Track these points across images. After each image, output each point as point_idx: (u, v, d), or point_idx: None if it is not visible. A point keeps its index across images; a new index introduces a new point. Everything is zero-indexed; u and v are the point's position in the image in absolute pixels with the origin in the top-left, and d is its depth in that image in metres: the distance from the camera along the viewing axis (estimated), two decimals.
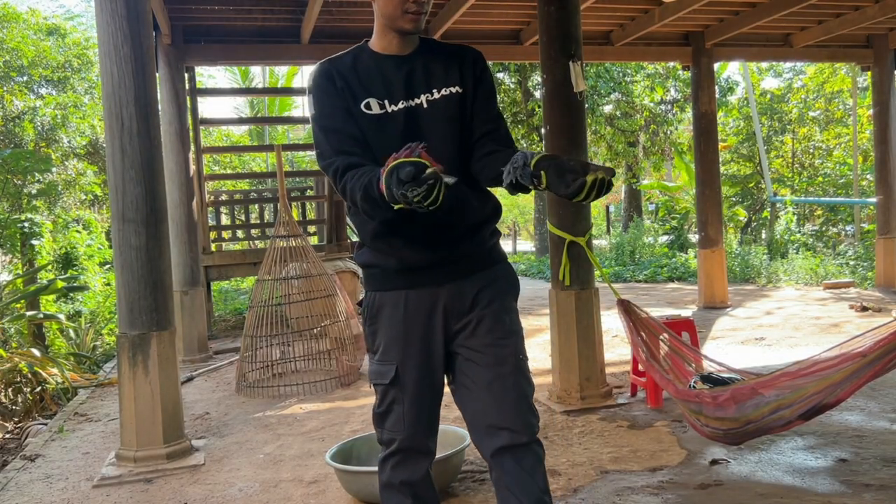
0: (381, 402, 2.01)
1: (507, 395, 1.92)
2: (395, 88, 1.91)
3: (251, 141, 19.60)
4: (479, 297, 1.96)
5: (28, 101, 10.59)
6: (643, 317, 3.69)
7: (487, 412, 1.92)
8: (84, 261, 9.92)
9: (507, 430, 1.90)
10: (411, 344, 1.95)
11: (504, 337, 1.96)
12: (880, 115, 8.52)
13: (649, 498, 2.97)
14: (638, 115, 14.46)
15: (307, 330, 5.69)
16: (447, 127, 1.93)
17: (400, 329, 1.95)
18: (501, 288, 2.02)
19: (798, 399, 2.78)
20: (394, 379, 1.95)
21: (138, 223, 3.71)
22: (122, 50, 3.68)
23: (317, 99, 1.93)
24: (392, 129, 1.89)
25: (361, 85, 1.91)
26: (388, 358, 1.96)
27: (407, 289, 1.95)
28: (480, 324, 1.94)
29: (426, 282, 1.94)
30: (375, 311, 1.99)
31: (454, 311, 1.95)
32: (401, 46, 1.94)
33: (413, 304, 1.95)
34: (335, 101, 1.90)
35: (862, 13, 7.04)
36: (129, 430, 3.73)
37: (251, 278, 9.73)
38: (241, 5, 6.25)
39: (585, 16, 6.06)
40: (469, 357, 1.95)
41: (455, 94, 1.94)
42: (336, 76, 1.91)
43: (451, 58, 1.98)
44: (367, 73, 1.92)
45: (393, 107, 1.90)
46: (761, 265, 10.71)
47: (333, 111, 1.90)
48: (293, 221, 5.73)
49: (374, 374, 2.02)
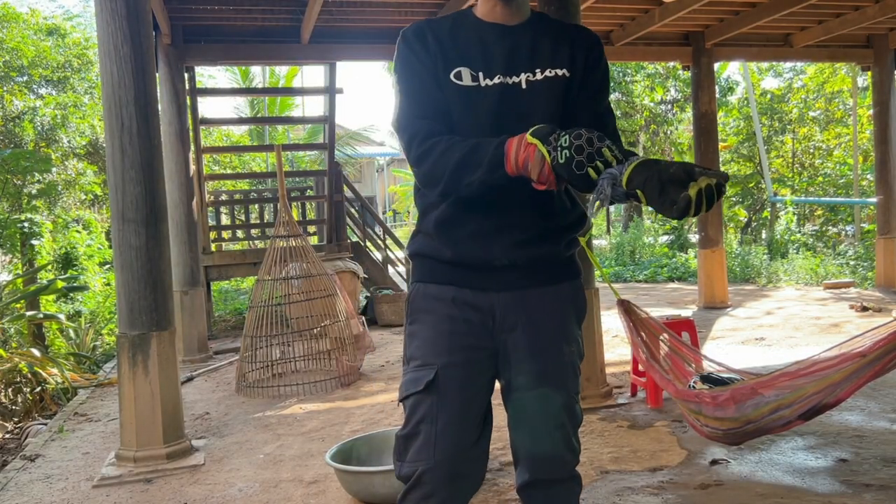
0: (408, 421, 1.67)
1: (551, 435, 1.70)
2: (494, 61, 1.67)
3: (251, 141, 19.58)
4: (540, 316, 1.71)
5: (28, 101, 10.59)
6: (643, 317, 3.68)
7: (524, 443, 1.72)
8: (84, 261, 9.91)
9: (542, 465, 1.72)
10: (455, 349, 1.67)
11: (559, 371, 1.71)
12: (880, 115, 8.52)
13: (649, 498, 2.97)
14: (638, 115, 14.48)
15: (307, 330, 5.68)
16: (547, 113, 1.66)
17: (445, 327, 1.68)
18: (568, 311, 1.76)
19: (798, 399, 2.77)
20: (430, 384, 1.63)
21: (138, 223, 3.71)
22: (122, 50, 3.68)
23: (403, 59, 1.70)
24: (483, 106, 1.66)
25: (457, 51, 1.67)
26: (426, 360, 1.66)
27: (457, 286, 1.70)
28: (535, 349, 1.69)
29: (482, 284, 1.69)
30: (417, 304, 1.74)
31: (506, 325, 1.69)
32: (507, 15, 1.70)
33: (463, 305, 1.69)
34: (424, 63, 1.67)
35: (862, 13, 7.04)
36: (129, 431, 3.73)
37: (251, 278, 9.72)
38: (241, 5, 6.25)
39: (585, 16, 6.05)
40: (517, 383, 1.71)
41: (561, 77, 1.69)
42: (430, 37, 1.68)
43: (563, 36, 1.74)
44: (465, 40, 1.69)
45: (487, 81, 1.66)
46: (761, 265, 10.71)
47: (420, 74, 1.67)
48: (293, 221, 5.73)
49: (406, 385, 1.68)
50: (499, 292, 1.69)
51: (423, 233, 1.76)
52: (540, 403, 1.69)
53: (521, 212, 1.65)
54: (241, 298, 10.80)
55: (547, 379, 1.70)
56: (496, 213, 1.64)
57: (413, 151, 1.63)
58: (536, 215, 1.68)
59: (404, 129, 1.67)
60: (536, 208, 1.67)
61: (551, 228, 1.72)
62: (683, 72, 8.89)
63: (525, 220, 1.68)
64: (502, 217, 1.66)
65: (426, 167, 1.62)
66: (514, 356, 1.70)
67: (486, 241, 1.67)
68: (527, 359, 1.69)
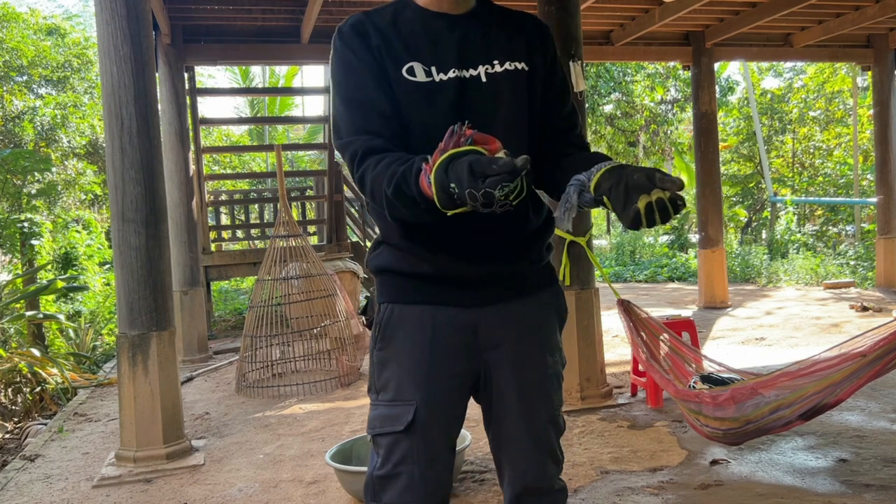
0: (385, 461, 1.52)
1: (537, 454, 1.61)
2: (446, 54, 1.51)
3: (251, 141, 19.59)
4: (525, 329, 1.59)
5: (28, 101, 10.59)
6: (643, 317, 3.69)
7: (510, 464, 1.62)
8: (84, 261, 9.91)
9: (529, 484, 1.62)
10: (437, 377, 1.52)
11: (544, 384, 1.61)
12: (881, 114, 8.52)
13: (649, 498, 2.97)
14: (638, 115, 14.47)
15: (307, 330, 5.68)
16: (514, 109, 1.54)
17: (424, 355, 1.51)
18: (550, 320, 1.65)
19: (798, 399, 2.77)
20: (410, 425, 1.48)
21: (138, 223, 3.71)
22: (122, 49, 3.68)
23: (341, 60, 1.51)
24: (441, 102, 1.49)
25: (404, 45, 1.50)
26: (402, 396, 1.50)
27: (437, 305, 1.52)
28: (520, 365, 1.58)
29: (467, 300, 1.53)
30: (390, 329, 1.54)
31: (490, 342, 1.56)
32: (452, 3, 1.55)
33: (443, 327, 1.52)
34: (367, 64, 1.48)
35: (862, 13, 7.04)
36: (129, 431, 3.73)
37: (251, 278, 9.73)
38: (240, 5, 6.25)
39: (586, 15, 6.05)
40: (500, 404, 1.59)
41: (521, 71, 1.56)
42: (372, 32, 1.50)
43: (515, 26, 1.60)
44: (410, 32, 1.52)
45: (441, 75, 1.50)
46: (761, 265, 10.71)
47: (362, 77, 1.48)
48: (293, 221, 5.73)
49: (380, 420, 1.53)
50: (482, 307, 1.54)
51: (391, 245, 1.56)
52: (525, 423, 1.59)
53: (497, 217, 1.44)
54: (241, 298, 10.80)
55: (532, 395, 1.59)
56: (473, 220, 1.41)
57: (354, 172, 1.45)
58: (512, 220, 1.49)
59: (345, 147, 1.48)
60: (517, 215, 1.47)
61: (528, 233, 1.59)
62: (683, 72, 8.89)
63: (503, 226, 1.52)
64: (480, 224, 1.45)
65: (366, 192, 1.44)
66: (497, 375, 1.57)
67: (469, 252, 1.52)
68: (511, 378, 1.57)
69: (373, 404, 1.56)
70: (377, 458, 1.55)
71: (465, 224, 1.41)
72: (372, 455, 1.58)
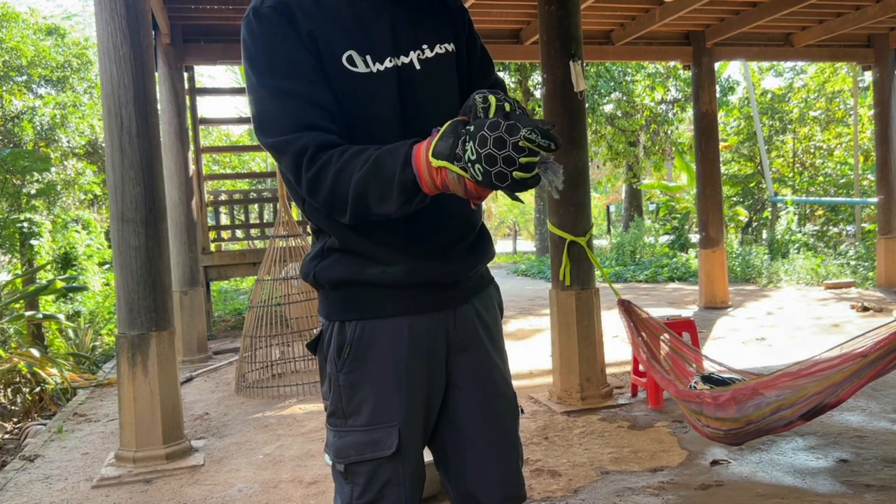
0: (366, 488, 1.37)
1: (510, 460, 1.50)
2: (379, 41, 1.34)
3: (251, 141, 19.58)
4: (485, 328, 1.49)
5: (27, 101, 10.59)
6: (644, 317, 3.69)
7: (479, 466, 1.47)
8: (83, 261, 9.92)
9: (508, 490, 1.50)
10: (415, 395, 1.39)
11: (506, 387, 1.52)
12: (881, 114, 8.52)
13: (650, 498, 2.96)
14: (638, 115, 14.46)
15: (307, 330, 5.67)
16: (447, 97, 1.42)
17: (401, 374, 1.37)
18: (496, 317, 1.55)
19: (799, 399, 2.77)
20: (398, 448, 1.36)
21: (138, 223, 3.70)
22: (122, 49, 3.67)
23: (263, 46, 1.30)
24: (383, 96, 1.33)
25: (334, 30, 1.32)
26: (381, 419, 1.36)
27: (412, 314, 1.39)
28: (484, 363, 1.48)
29: (440, 304, 1.41)
30: (362, 349, 1.37)
31: (460, 345, 1.45)
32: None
33: (418, 337, 1.39)
34: (296, 51, 1.28)
35: (863, 13, 7.03)
36: (129, 431, 3.72)
37: (251, 278, 9.73)
38: (240, 5, 6.24)
39: (586, 15, 6.05)
40: (465, 407, 1.46)
41: (451, 53, 1.44)
42: (299, 15, 1.30)
43: (435, 4, 1.46)
44: (336, 15, 1.33)
45: (378, 65, 1.33)
46: (762, 265, 10.71)
47: (292, 65, 1.28)
48: (293, 221, 5.72)
49: (354, 447, 1.37)
50: (455, 308, 1.43)
51: (348, 252, 1.37)
52: (500, 432, 1.48)
53: (458, 210, 1.38)
54: (241, 298, 10.80)
55: (501, 398, 1.49)
56: (438, 215, 1.35)
57: (303, 177, 1.25)
58: (468, 211, 1.41)
59: (284, 146, 1.27)
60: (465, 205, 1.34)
61: (480, 225, 1.48)
62: (684, 71, 8.89)
63: (463, 219, 1.42)
64: (444, 219, 1.38)
65: (322, 196, 1.25)
66: (464, 379, 1.45)
67: (439, 250, 1.39)
68: (481, 383, 1.47)
69: (339, 431, 1.39)
70: (353, 488, 1.38)
71: (429, 219, 1.34)
72: (340, 486, 1.41)
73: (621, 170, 16.29)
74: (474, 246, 1.46)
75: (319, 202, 1.28)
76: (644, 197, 18.14)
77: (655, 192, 17.02)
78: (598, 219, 20.50)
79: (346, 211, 1.25)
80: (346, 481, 1.39)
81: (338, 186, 1.22)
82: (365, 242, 1.35)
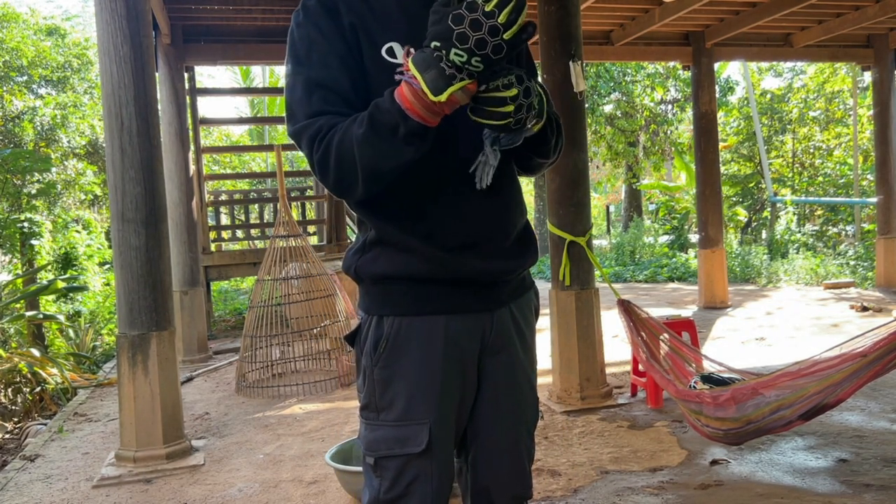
0: (394, 483, 1.39)
1: (523, 461, 1.55)
2: (424, 34, 1.27)
3: (251, 141, 19.60)
4: (521, 335, 1.50)
5: (28, 101, 10.58)
6: (643, 317, 3.69)
7: (493, 466, 1.51)
8: (83, 261, 9.92)
9: (516, 489, 1.56)
10: (447, 395, 1.40)
11: (530, 392, 1.54)
12: (881, 115, 8.52)
13: (649, 498, 2.97)
14: (638, 115, 14.46)
15: (307, 330, 5.68)
16: None
17: (435, 373, 1.38)
18: (531, 323, 1.55)
19: (798, 399, 2.77)
20: (428, 446, 1.37)
21: (138, 223, 3.71)
22: (122, 49, 3.67)
23: (305, 38, 1.35)
24: None
25: (378, 22, 1.36)
26: (412, 416, 1.38)
27: (449, 313, 1.39)
28: (513, 369, 1.49)
29: (480, 304, 1.42)
30: (398, 345, 1.38)
31: (493, 348, 1.46)
32: None
33: (454, 336, 1.39)
34: (334, 43, 1.34)
35: (862, 13, 7.04)
36: (129, 431, 3.72)
37: (251, 278, 9.73)
38: (240, 5, 6.25)
39: (585, 15, 6.06)
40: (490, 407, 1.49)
41: None
42: (343, 9, 1.35)
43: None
44: (384, 9, 1.37)
45: None
46: (761, 265, 10.71)
47: (328, 58, 1.33)
48: (293, 221, 5.72)
49: (385, 442, 1.40)
50: (492, 311, 1.44)
51: (390, 245, 1.38)
52: (517, 436, 1.52)
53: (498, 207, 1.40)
54: (241, 298, 10.80)
55: (525, 403, 1.53)
56: (478, 211, 1.37)
57: (314, 152, 1.28)
58: (509, 209, 1.44)
59: (302, 130, 1.31)
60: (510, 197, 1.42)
61: (522, 224, 1.49)
62: (683, 71, 8.89)
63: (503, 216, 1.43)
64: (484, 215, 1.39)
65: (334, 165, 1.26)
66: (492, 380, 1.47)
67: (484, 249, 1.39)
68: (506, 387, 1.48)
69: (371, 424, 1.42)
70: (381, 482, 1.41)
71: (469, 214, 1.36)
72: (369, 479, 1.44)
73: (621, 170, 16.28)
74: (516, 246, 1.46)
75: (330, 180, 1.29)
76: (644, 197, 18.14)
77: (655, 193, 17.03)
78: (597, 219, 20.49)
79: (357, 178, 1.25)
80: (375, 474, 1.42)
81: (343, 153, 1.24)
82: (402, 235, 1.36)
